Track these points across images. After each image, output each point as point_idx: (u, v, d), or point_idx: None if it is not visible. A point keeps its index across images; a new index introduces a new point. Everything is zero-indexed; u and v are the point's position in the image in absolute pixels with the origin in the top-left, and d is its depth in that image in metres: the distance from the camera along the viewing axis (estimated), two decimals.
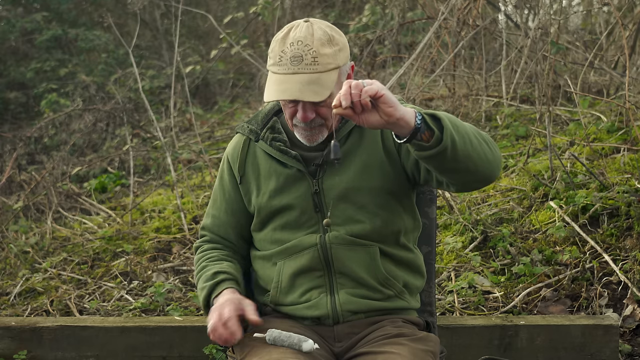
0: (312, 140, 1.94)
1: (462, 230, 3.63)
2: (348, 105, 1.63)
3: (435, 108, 5.32)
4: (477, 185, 1.85)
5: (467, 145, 1.71)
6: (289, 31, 1.87)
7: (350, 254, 1.95)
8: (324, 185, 1.95)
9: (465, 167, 1.73)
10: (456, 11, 5.03)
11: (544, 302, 3.07)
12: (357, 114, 1.66)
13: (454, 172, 1.75)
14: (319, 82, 1.81)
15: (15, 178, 5.63)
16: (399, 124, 1.66)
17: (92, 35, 9.14)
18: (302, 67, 1.81)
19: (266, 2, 5.83)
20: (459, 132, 1.70)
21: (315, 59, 1.82)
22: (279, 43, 1.86)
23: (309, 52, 1.82)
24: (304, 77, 1.81)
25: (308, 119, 1.87)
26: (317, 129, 1.91)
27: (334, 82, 1.84)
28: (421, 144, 1.69)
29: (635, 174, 3.65)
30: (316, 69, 1.81)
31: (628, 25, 5.37)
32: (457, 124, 1.71)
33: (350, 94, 1.63)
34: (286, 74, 1.83)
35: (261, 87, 6.68)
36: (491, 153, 1.78)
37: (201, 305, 2.03)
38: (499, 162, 1.82)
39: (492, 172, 1.80)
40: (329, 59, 1.83)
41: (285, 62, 1.83)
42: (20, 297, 3.61)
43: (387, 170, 1.95)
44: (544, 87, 4.39)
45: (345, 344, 1.96)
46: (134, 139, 6.31)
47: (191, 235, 4.17)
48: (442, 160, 1.70)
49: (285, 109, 1.93)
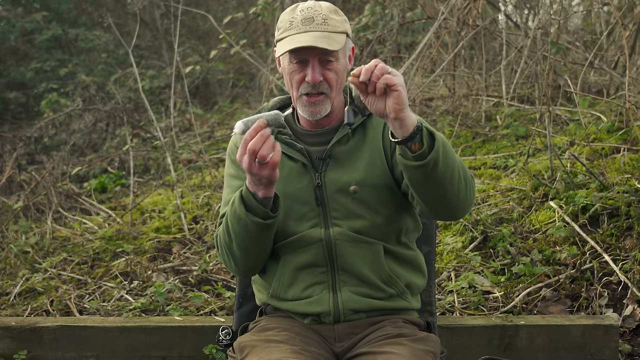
0: (315, 112, 1.94)
1: (462, 230, 3.64)
2: (365, 80, 1.68)
3: (435, 108, 5.32)
4: (437, 215, 1.91)
5: (446, 175, 1.76)
6: (296, 5, 1.94)
7: (355, 250, 1.95)
8: (326, 179, 1.96)
9: (435, 191, 1.79)
10: (456, 11, 5.03)
11: (544, 302, 3.07)
12: (367, 93, 1.71)
13: (423, 191, 1.80)
14: (330, 37, 1.88)
15: (15, 178, 5.63)
16: (397, 124, 1.70)
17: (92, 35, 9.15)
18: (313, 26, 1.88)
19: (266, 2, 5.83)
20: (447, 160, 1.75)
21: (325, 20, 1.89)
22: (288, 14, 1.93)
23: (319, 15, 1.89)
24: (316, 32, 1.87)
25: (317, 79, 1.89)
26: (321, 100, 1.92)
27: (343, 43, 1.90)
28: (407, 151, 1.73)
29: (635, 174, 3.65)
30: (327, 28, 1.88)
31: (628, 25, 5.37)
32: (448, 152, 1.76)
33: (372, 71, 1.68)
34: (298, 33, 1.88)
35: (261, 87, 6.68)
36: (464, 194, 1.83)
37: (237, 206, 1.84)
38: (468, 206, 1.87)
39: (456, 210, 1.86)
40: (337, 23, 1.91)
41: (296, 25, 1.89)
42: (20, 297, 3.61)
43: (388, 169, 1.96)
44: (544, 87, 4.39)
45: (346, 343, 1.96)
46: (134, 139, 6.31)
47: (191, 235, 4.17)
48: (417, 175, 1.75)
49: (293, 76, 1.93)
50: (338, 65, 1.91)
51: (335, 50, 1.88)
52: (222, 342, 2.15)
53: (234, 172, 2.05)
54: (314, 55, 1.88)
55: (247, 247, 1.90)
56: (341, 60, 1.93)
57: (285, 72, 1.95)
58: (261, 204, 1.83)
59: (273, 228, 1.89)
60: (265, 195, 1.83)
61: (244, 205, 1.84)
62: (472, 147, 4.76)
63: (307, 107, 1.94)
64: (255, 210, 1.83)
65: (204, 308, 3.28)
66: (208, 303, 3.32)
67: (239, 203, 1.84)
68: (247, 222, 1.84)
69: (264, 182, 1.79)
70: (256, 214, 1.83)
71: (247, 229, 1.86)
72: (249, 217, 1.83)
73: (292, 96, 1.98)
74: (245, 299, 2.24)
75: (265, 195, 1.82)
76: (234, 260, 1.95)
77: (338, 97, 1.98)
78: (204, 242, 4.08)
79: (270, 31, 7.99)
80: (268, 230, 1.88)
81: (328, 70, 1.90)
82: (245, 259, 1.94)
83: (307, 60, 1.89)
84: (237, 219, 1.86)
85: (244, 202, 1.84)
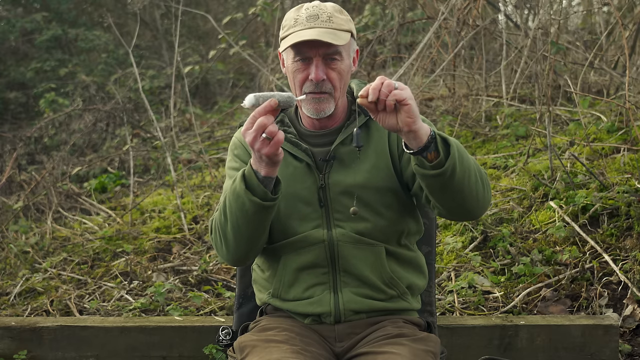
0: (319, 110, 1.93)
1: (462, 230, 3.64)
2: (374, 99, 1.69)
3: (435, 108, 5.32)
4: (459, 217, 1.95)
5: (465, 179, 1.77)
6: (301, 5, 1.94)
7: (356, 252, 1.95)
8: (330, 181, 1.96)
9: (454, 197, 1.80)
10: (456, 11, 5.03)
11: (544, 302, 3.07)
12: (377, 111, 1.71)
13: (443, 197, 1.81)
14: (335, 33, 1.88)
15: (15, 178, 5.63)
16: (411, 136, 1.71)
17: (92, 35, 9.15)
18: (318, 23, 1.88)
19: (265, 2, 5.83)
20: (463, 164, 1.76)
21: (330, 18, 1.89)
22: (293, 12, 1.94)
23: (324, 13, 1.90)
24: (320, 29, 1.87)
25: (320, 77, 1.88)
26: (325, 98, 1.92)
27: (347, 41, 1.90)
28: (424, 161, 1.74)
29: (635, 174, 3.65)
30: (332, 26, 1.88)
31: (628, 25, 5.37)
32: (463, 156, 1.77)
33: (379, 90, 1.68)
34: (303, 29, 1.88)
35: (261, 87, 6.68)
36: (482, 194, 1.85)
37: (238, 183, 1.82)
38: (487, 205, 1.90)
39: (477, 211, 1.89)
40: (342, 21, 1.91)
41: (302, 21, 1.89)
42: (20, 297, 3.61)
43: (393, 172, 1.96)
44: (544, 87, 4.39)
45: (346, 343, 1.96)
46: (134, 139, 6.31)
47: (191, 235, 4.17)
48: (436, 183, 1.76)
49: (297, 75, 1.92)
50: (342, 65, 1.91)
51: (340, 45, 1.87)
52: (222, 342, 2.15)
53: (237, 165, 2.03)
54: (317, 53, 1.88)
55: (240, 229, 1.86)
56: (345, 60, 1.92)
57: (289, 71, 1.94)
58: (262, 183, 1.80)
59: (270, 213, 1.86)
60: (267, 175, 1.80)
61: (244, 182, 1.81)
62: (472, 147, 4.76)
63: (311, 104, 1.92)
64: (255, 189, 1.80)
65: (204, 308, 3.28)
66: (208, 303, 3.32)
67: (240, 180, 1.82)
68: (245, 200, 1.81)
69: (265, 160, 1.76)
70: (255, 192, 1.80)
71: (244, 208, 1.82)
72: (247, 195, 1.80)
73: (295, 93, 1.97)
74: (245, 299, 2.24)
75: (267, 174, 1.79)
76: (225, 244, 1.91)
77: (342, 98, 1.97)
78: (204, 242, 4.08)
79: (270, 31, 7.99)
80: (264, 213, 1.84)
81: (332, 69, 1.90)
82: (237, 243, 1.89)
83: (311, 59, 1.89)
84: (236, 196, 1.83)
85: (245, 180, 1.81)
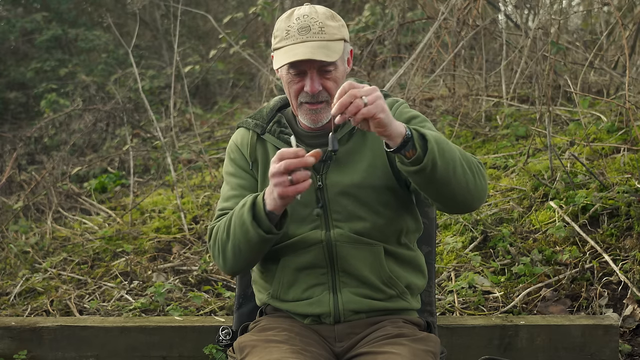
0: (316, 120, 1.94)
1: (462, 230, 3.64)
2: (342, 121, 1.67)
3: (435, 108, 5.32)
4: (454, 209, 1.90)
5: (449, 171, 1.75)
6: (293, 12, 1.92)
7: (355, 252, 1.95)
8: (327, 182, 1.96)
9: (442, 191, 1.79)
10: (456, 11, 5.03)
11: (544, 302, 3.07)
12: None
13: (431, 191, 1.81)
14: (327, 47, 1.87)
15: (15, 178, 5.63)
16: (384, 139, 1.72)
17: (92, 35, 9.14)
18: (310, 35, 1.87)
19: (265, 2, 5.83)
20: (445, 157, 1.74)
21: (322, 28, 1.87)
22: (284, 21, 1.92)
23: (316, 23, 1.88)
24: (313, 43, 1.86)
25: (316, 90, 1.88)
26: (322, 108, 1.92)
27: (341, 51, 1.90)
28: (403, 158, 1.74)
29: (635, 174, 3.65)
30: (324, 37, 1.87)
31: (628, 25, 5.37)
32: (444, 149, 1.74)
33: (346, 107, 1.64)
34: (295, 44, 1.87)
35: (261, 87, 6.68)
36: (474, 184, 1.81)
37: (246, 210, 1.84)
38: (482, 193, 1.85)
39: (472, 202, 1.84)
40: (334, 29, 1.89)
41: (293, 34, 1.88)
42: (20, 297, 3.61)
43: (390, 170, 1.96)
44: (544, 87, 4.39)
45: (346, 343, 1.96)
46: (134, 139, 6.31)
47: (191, 235, 4.17)
48: (419, 179, 1.76)
49: (292, 86, 1.92)
50: (337, 73, 1.91)
51: (334, 61, 1.87)
52: (222, 342, 2.16)
53: (233, 170, 2.05)
54: (312, 66, 1.88)
55: (240, 251, 1.90)
56: (340, 67, 1.92)
57: (284, 81, 1.95)
58: (268, 216, 1.83)
59: (271, 243, 1.90)
60: (274, 210, 1.82)
61: (252, 212, 1.84)
62: (472, 147, 4.76)
63: (308, 115, 1.94)
64: (262, 221, 1.83)
65: (204, 308, 3.28)
66: (208, 303, 3.32)
67: (249, 209, 1.84)
68: (249, 228, 1.84)
69: (276, 197, 1.77)
70: (261, 225, 1.83)
71: (247, 236, 1.86)
72: (253, 225, 1.83)
73: (292, 105, 1.98)
74: (245, 299, 2.24)
75: (273, 208, 1.82)
76: (223, 258, 1.95)
77: None
78: (204, 242, 4.08)
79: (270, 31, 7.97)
80: (266, 243, 1.88)
81: (327, 79, 1.90)
82: (236, 260, 1.93)
83: (305, 72, 1.89)
84: (241, 222, 1.86)
85: (254, 209, 1.84)
